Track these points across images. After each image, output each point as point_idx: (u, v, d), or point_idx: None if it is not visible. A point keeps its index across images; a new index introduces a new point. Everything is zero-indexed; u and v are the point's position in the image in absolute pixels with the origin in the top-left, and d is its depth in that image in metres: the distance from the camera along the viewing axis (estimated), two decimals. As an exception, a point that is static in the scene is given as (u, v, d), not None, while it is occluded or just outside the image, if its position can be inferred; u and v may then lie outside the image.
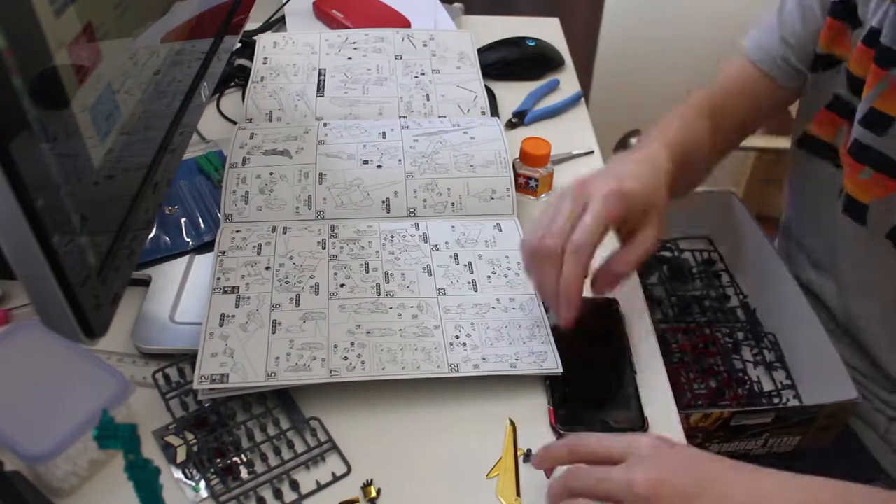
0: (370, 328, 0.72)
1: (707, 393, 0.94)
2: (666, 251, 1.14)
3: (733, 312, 1.05)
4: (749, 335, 1.02)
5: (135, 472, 0.46)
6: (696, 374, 0.96)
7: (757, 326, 1.02)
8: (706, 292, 1.07)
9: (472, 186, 0.86)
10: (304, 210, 0.83)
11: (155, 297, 0.77)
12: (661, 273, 1.10)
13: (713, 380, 0.96)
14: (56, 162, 0.48)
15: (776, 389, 0.95)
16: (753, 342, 1.01)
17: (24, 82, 0.44)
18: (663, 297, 1.06)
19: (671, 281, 1.09)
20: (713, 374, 0.96)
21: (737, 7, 1.88)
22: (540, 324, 0.74)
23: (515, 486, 0.64)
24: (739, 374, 0.96)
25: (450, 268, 0.79)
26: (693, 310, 1.05)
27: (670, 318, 1.03)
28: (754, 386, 0.95)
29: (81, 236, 0.51)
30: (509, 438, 0.67)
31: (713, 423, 0.83)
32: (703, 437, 0.85)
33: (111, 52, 0.57)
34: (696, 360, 0.97)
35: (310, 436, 0.67)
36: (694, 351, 0.99)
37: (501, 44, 1.15)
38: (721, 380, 0.95)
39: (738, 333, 1.02)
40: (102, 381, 0.63)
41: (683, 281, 1.09)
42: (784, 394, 0.94)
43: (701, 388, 0.94)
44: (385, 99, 1.00)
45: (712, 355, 0.98)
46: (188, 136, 0.74)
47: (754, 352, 1.00)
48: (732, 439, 0.86)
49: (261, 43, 1.07)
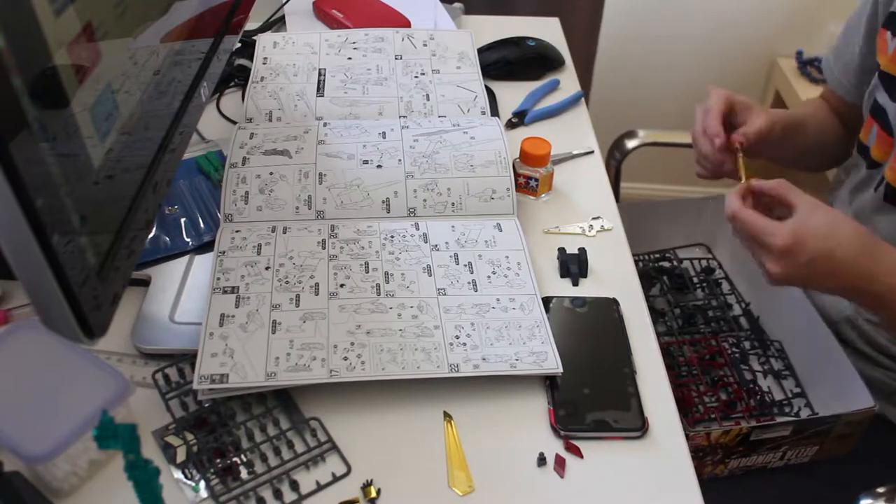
0: (370, 328, 0.72)
1: (719, 406, 0.92)
2: (665, 261, 1.13)
3: (737, 321, 1.04)
4: (755, 343, 1.01)
5: (135, 473, 0.46)
6: (705, 388, 0.94)
7: (762, 334, 1.02)
8: (708, 302, 1.07)
9: (472, 186, 0.86)
10: (304, 210, 0.83)
11: (155, 297, 0.77)
12: (663, 284, 1.09)
13: (723, 392, 0.94)
14: (56, 162, 0.48)
15: (787, 398, 0.94)
16: (760, 351, 1.00)
17: (24, 82, 0.44)
18: (666, 309, 1.05)
19: (672, 292, 1.08)
20: (723, 386, 0.95)
21: (737, 7, 1.88)
22: (540, 324, 0.74)
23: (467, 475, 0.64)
24: (750, 384, 0.95)
25: (450, 268, 0.79)
26: (697, 321, 1.04)
27: (674, 331, 1.02)
28: (765, 396, 0.94)
29: (81, 236, 0.51)
30: (449, 432, 0.67)
31: (733, 438, 0.83)
32: (724, 453, 0.84)
33: (111, 52, 0.57)
34: (704, 371, 0.96)
35: (310, 436, 0.67)
36: (701, 363, 0.97)
37: (501, 44, 1.15)
38: (732, 391, 0.94)
39: (744, 343, 1.01)
40: (102, 381, 0.63)
41: (685, 291, 1.08)
42: (795, 402, 0.93)
43: (712, 402, 0.93)
44: (385, 99, 1.00)
45: (720, 367, 0.97)
46: (188, 136, 0.74)
47: (762, 360, 0.99)
48: (751, 453, 0.85)
49: (261, 43, 1.07)
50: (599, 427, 0.68)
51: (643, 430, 0.68)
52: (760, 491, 0.85)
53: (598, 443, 0.67)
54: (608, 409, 0.69)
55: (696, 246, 1.16)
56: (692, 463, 0.66)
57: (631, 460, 0.66)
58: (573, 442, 0.67)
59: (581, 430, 0.68)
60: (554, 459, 0.66)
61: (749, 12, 1.89)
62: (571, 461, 0.66)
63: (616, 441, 0.68)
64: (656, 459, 0.67)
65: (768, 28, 1.91)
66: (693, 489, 0.64)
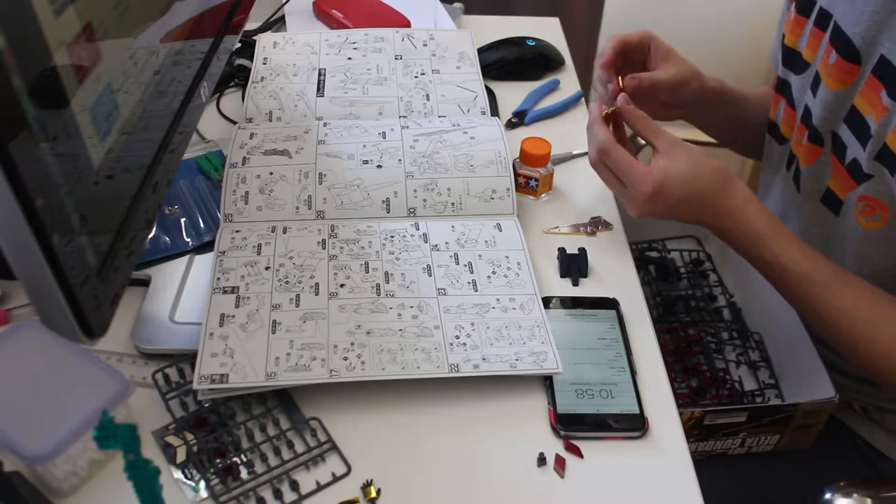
0: (370, 328, 0.72)
1: (688, 392, 0.94)
2: (653, 251, 1.14)
3: (719, 312, 1.05)
4: (734, 334, 1.02)
5: (135, 473, 0.46)
6: (677, 374, 0.96)
7: (743, 326, 1.02)
8: (692, 292, 1.07)
9: (472, 186, 0.86)
10: (304, 210, 0.83)
11: (155, 297, 0.77)
12: (647, 273, 1.10)
13: (694, 379, 0.96)
14: (56, 162, 0.48)
15: (759, 388, 0.95)
16: (739, 342, 1.01)
17: (24, 82, 0.44)
18: (648, 298, 1.05)
19: (657, 281, 1.09)
20: (695, 374, 0.96)
21: (737, 7, 1.88)
22: (540, 324, 0.74)
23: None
24: (721, 373, 0.96)
25: (450, 268, 0.79)
26: (677, 309, 1.05)
27: (654, 318, 1.02)
28: (735, 385, 0.95)
29: (81, 236, 0.51)
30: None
31: (686, 422, 0.83)
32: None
33: (111, 52, 0.57)
34: (678, 359, 0.97)
35: (310, 436, 0.67)
36: (677, 351, 0.99)
37: (501, 44, 1.15)
38: (703, 379, 0.95)
39: (722, 333, 1.02)
40: (102, 381, 0.63)
41: (670, 281, 1.09)
42: (767, 393, 0.94)
43: (682, 388, 0.94)
44: (385, 99, 1.00)
45: (695, 355, 0.98)
46: (188, 136, 0.74)
47: (738, 351, 1.00)
48: (708, 438, 0.86)
49: (261, 43, 1.07)
50: (599, 427, 0.68)
51: (643, 430, 0.68)
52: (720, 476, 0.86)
53: (598, 443, 0.67)
54: (608, 409, 0.69)
55: (687, 238, 1.16)
56: (692, 463, 0.66)
57: (631, 460, 0.67)
58: (573, 442, 0.67)
59: (581, 429, 0.68)
60: (554, 459, 0.66)
61: (749, 12, 1.89)
62: (571, 461, 0.66)
63: (616, 441, 0.68)
64: (656, 459, 0.67)
65: (768, 28, 1.91)
66: (693, 489, 0.64)
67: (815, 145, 0.85)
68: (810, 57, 0.87)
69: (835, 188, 0.84)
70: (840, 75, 0.80)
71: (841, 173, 0.82)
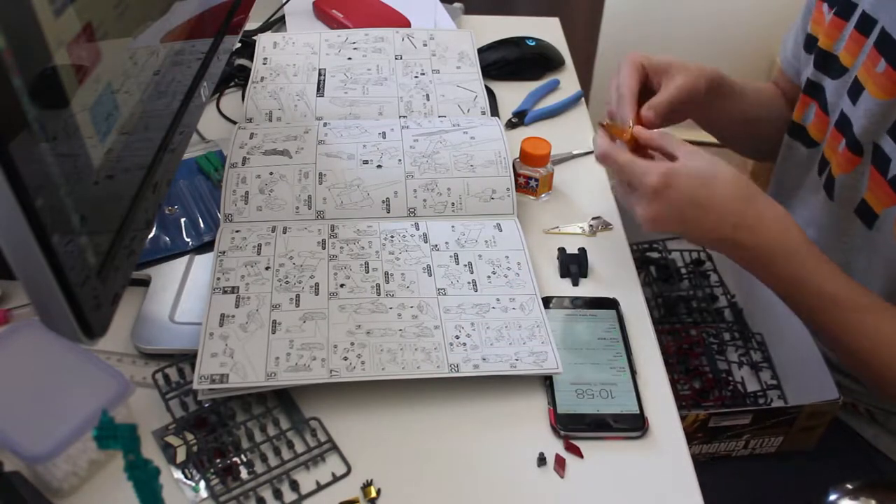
0: (370, 328, 0.72)
1: (690, 394, 0.93)
2: (653, 252, 1.14)
3: (720, 313, 1.05)
4: (736, 335, 1.01)
5: (134, 473, 0.46)
6: (679, 376, 0.95)
7: (744, 327, 1.02)
8: (693, 293, 1.07)
9: (472, 186, 0.86)
10: (304, 210, 0.83)
11: (155, 297, 0.77)
12: (649, 273, 1.09)
13: (697, 381, 0.95)
14: (56, 162, 0.48)
15: (762, 390, 0.95)
16: (741, 342, 1.00)
17: (24, 82, 0.44)
18: (649, 298, 1.05)
19: (658, 282, 1.08)
20: (697, 376, 0.96)
21: (737, 7, 1.88)
22: (540, 324, 0.74)
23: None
24: (723, 374, 0.96)
25: (450, 268, 0.79)
26: (679, 310, 1.05)
27: (655, 320, 1.02)
28: (738, 386, 0.95)
29: (81, 236, 0.51)
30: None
31: (691, 424, 0.83)
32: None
33: (111, 52, 0.57)
34: (680, 361, 0.97)
35: (310, 436, 0.67)
36: (679, 352, 0.98)
37: (501, 44, 1.15)
38: (705, 381, 0.95)
39: (724, 334, 1.01)
40: (102, 381, 0.63)
41: (671, 282, 1.09)
42: (769, 394, 0.94)
43: (685, 390, 0.94)
44: (385, 99, 1.00)
45: (697, 356, 0.98)
46: (188, 136, 0.74)
47: (740, 352, 0.99)
48: (712, 440, 0.86)
49: (261, 43, 1.07)
50: (599, 427, 0.68)
51: (643, 430, 0.68)
52: (724, 478, 0.86)
53: (598, 443, 0.67)
54: (608, 409, 0.69)
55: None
56: (692, 463, 0.66)
57: (631, 460, 0.66)
58: (573, 442, 0.67)
59: (581, 429, 0.68)
60: (554, 459, 0.66)
61: (749, 12, 1.89)
62: (571, 461, 0.66)
63: (616, 441, 0.68)
64: (656, 459, 0.67)
65: (768, 28, 1.91)
66: (693, 489, 0.64)
67: (854, 154, 0.82)
68: (849, 62, 0.84)
69: (871, 201, 0.80)
70: (889, 85, 0.77)
71: (881, 186, 0.78)
